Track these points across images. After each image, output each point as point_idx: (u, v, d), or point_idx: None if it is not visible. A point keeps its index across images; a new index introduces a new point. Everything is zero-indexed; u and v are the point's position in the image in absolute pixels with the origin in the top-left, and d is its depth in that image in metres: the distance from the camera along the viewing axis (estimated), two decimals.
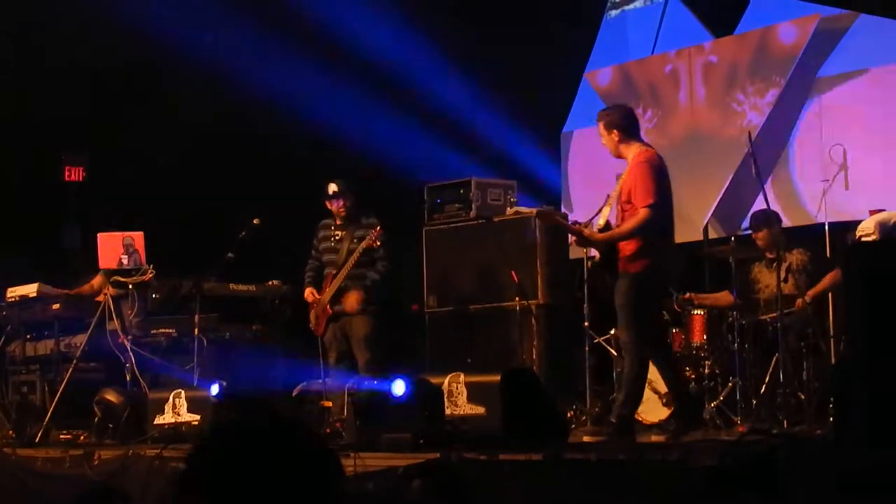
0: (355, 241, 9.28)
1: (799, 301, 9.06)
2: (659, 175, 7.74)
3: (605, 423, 8.39)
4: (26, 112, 11.52)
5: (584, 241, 8.00)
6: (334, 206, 9.47)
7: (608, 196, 8.02)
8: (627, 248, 7.71)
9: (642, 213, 7.61)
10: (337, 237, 9.46)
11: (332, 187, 9.47)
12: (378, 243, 9.17)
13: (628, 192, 7.73)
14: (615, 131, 7.89)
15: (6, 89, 11.38)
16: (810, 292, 9.15)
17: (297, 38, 11.94)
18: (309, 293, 9.49)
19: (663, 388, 9.11)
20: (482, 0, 12.26)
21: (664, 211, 7.76)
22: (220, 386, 8.61)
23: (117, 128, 11.79)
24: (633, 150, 7.85)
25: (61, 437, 9.44)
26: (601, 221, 7.89)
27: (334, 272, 9.35)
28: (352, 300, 9.29)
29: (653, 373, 9.20)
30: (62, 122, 11.65)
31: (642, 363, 7.78)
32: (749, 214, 9.84)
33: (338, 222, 9.50)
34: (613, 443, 7.44)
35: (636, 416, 9.21)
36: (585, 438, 7.91)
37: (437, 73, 12.27)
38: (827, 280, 9.19)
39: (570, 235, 8.08)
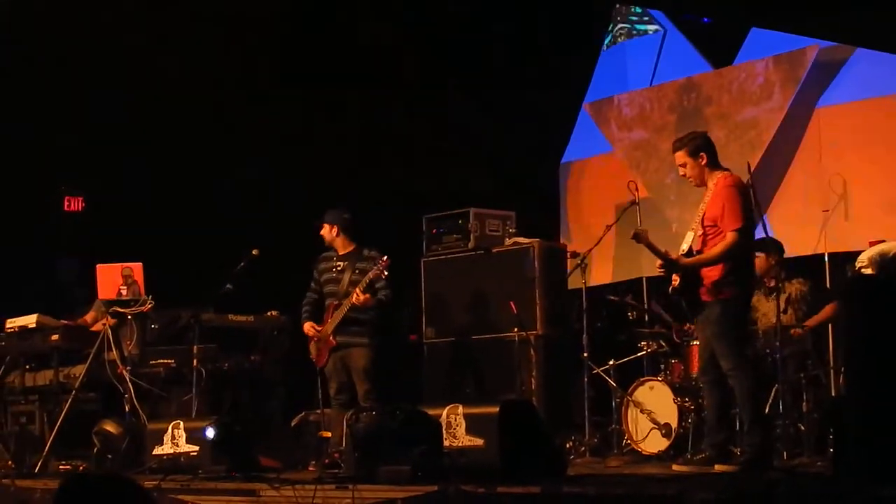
0: (357, 272, 9.25)
1: (797, 331, 9.04)
2: (746, 199, 7.61)
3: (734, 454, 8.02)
4: (25, 142, 11.50)
5: (673, 266, 7.69)
6: (327, 236, 9.47)
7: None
8: (714, 273, 7.56)
9: (730, 237, 7.50)
10: (338, 268, 9.42)
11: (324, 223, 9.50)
12: (386, 273, 9.14)
13: (713, 216, 7.59)
14: (703, 155, 7.71)
15: (4, 119, 11.37)
16: (809, 321, 9.14)
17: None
18: (309, 327, 9.44)
19: (663, 419, 9.10)
20: (480, 30, 12.27)
21: (751, 235, 7.69)
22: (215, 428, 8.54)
23: (117, 158, 11.78)
24: (717, 175, 7.70)
25: (60, 467, 9.43)
26: (684, 246, 7.69)
27: (336, 303, 9.32)
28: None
29: (652, 403, 9.22)
30: (61, 152, 11.65)
31: (751, 387, 7.58)
32: None
33: (340, 253, 9.49)
34: (746, 475, 7.18)
35: (635, 446, 9.22)
36: (718, 467, 7.53)
37: (435, 103, 12.27)
38: (827, 311, 9.17)
39: (658, 261, 7.75)
